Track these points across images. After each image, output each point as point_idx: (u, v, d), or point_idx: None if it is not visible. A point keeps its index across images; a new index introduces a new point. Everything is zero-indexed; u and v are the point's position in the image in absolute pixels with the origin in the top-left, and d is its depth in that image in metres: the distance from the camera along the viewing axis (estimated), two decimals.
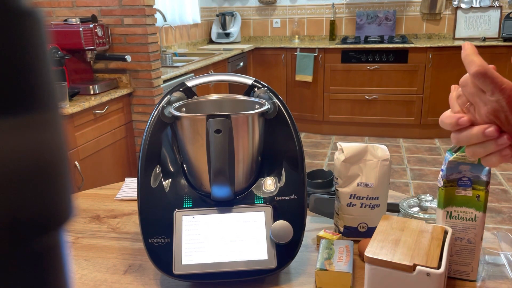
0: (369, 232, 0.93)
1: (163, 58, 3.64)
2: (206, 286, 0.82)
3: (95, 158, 2.45)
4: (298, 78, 4.65)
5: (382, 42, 4.55)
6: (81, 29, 2.39)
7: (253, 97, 0.91)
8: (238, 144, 0.82)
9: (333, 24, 4.99)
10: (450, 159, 0.77)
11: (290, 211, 0.83)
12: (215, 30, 5.17)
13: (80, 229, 1.06)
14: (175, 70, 3.22)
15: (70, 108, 2.17)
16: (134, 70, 2.70)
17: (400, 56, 4.37)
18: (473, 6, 4.65)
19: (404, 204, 0.94)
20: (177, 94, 0.89)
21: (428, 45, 4.27)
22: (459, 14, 4.72)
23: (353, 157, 0.92)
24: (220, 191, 0.81)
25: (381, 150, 0.94)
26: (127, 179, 1.29)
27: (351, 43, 4.56)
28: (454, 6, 4.72)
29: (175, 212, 0.82)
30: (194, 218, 0.82)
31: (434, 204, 0.93)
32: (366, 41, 4.63)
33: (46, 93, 0.19)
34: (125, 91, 2.66)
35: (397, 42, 4.44)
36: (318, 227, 1.02)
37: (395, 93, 4.48)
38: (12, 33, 0.18)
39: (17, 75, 0.18)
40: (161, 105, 0.86)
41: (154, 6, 2.66)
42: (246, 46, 4.65)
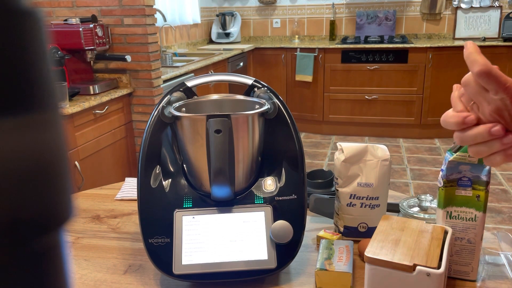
0: (369, 232, 0.93)
1: (163, 58, 3.64)
2: (206, 286, 0.82)
3: (95, 158, 2.45)
4: (298, 78, 4.65)
5: (382, 42, 4.55)
6: (81, 29, 2.39)
7: (253, 97, 0.91)
8: (238, 144, 0.82)
9: (333, 24, 4.99)
10: (450, 159, 0.77)
11: (290, 211, 0.83)
12: (215, 30, 5.17)
13: (80, 229, 1.06)
14: (175, 70, 3.22)
15: (70, 108, 2.17)
16: (134, 70, 2.70)
17: (400, 56, 4.37)
18: (473, 6, 4.65)
19: (404, 204, 0.94)
20: (177, 94, 0.89)
21: (428, 45, 4.27)
22: (459, 14, 4.72)
23: (353, 157, 0.92)
24: (220, 191, 0.81)
25: (381, 150, 0.94)
26: (127, 179, 1.29)
27: (351, 43, 4.56)
28: (454, 6, 4.72)
29: (175, 212, 0.82)
30: (194, 218, 0.82)
31: (434, 204, 0.93)
32: (366, 41, 4.63)
33: (46, 93, 0.19)
34: (125, 91, 2.66)
35: (397, 42, 4.44)
36: (318, 227, 1.02)
37: (395, 93, 4.48)
38: (12, 33, 0.18)
39: (17, 75, 0.18)
40: (161, 105, 0.86)
41: (154, 6, 2.66)
42: (246, 46, 4.65)
